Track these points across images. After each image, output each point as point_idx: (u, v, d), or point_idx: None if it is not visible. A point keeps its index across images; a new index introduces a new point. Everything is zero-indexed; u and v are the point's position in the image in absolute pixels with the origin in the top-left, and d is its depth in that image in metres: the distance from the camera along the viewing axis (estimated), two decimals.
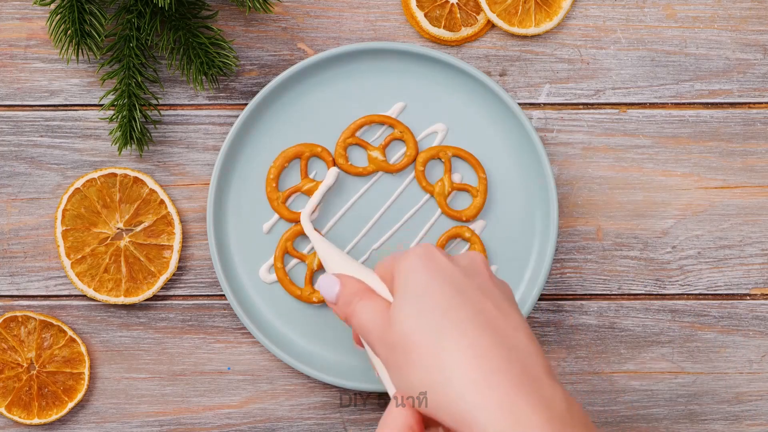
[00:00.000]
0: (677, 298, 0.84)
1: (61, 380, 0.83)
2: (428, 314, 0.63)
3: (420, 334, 0.63)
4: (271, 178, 0.82)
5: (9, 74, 0.84)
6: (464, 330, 0.62)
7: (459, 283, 0.65)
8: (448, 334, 0.62)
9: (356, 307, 0.68)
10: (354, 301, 0.68)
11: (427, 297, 0.64)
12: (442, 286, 0.64)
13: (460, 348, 0.61)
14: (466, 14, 0.83)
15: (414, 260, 0.66)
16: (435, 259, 0.66)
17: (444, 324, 0.62)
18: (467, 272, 0.66)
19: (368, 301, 0.68)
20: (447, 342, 0.62)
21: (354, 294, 0.69)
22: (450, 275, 0.65)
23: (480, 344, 0.61)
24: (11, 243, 0.84)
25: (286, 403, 0.84)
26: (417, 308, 0.63)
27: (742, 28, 0.84)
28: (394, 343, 0.64)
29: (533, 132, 0.80)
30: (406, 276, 0.65)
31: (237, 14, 0.84)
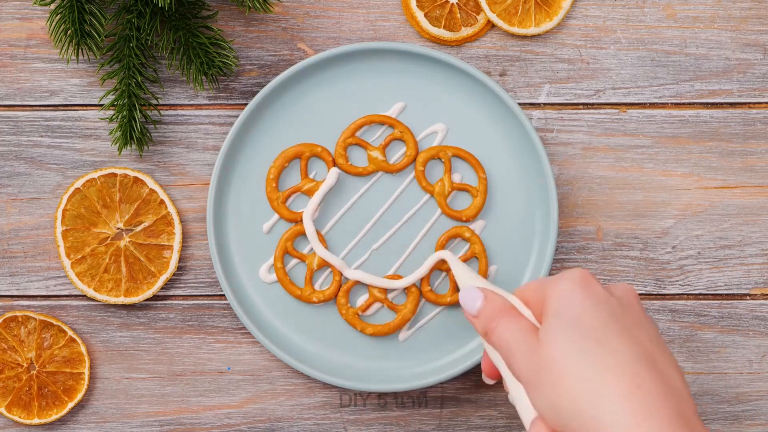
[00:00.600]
0: (677, 298, 0.84)
1: (61, 380, 0.83)
2: (584, 340, 0.62)
3: (574, 360, 0.61)
4: (271, 178, 0.82)
5: (9, 74, 0.84)
6: (621, 360, 0.61)
7: (616, 312, 0.64)
8: (604, 362, 0.61)
9: (500, 324, 0.66)
10: (497, 317, 0.67)
11: (584, 322, 0.63)
12: (600, 313, 0.63)
13: (618, 378, 0.60)
14: (466, 14, 0.83)
15: (569, 285, 0.64)
16: (591, 286, 0.65)
17: (600, 351, 0.61)
18: (622, 302, 0.65)
19: (514, 319, 0.66)
20: (603, 371, 0.61)
21: (498, 310, 0.67)
22: (606, 303, 0.64)
23: (639, 377, 0.60)
24: (11, 243, 0.84)
25: (286, 403, 0.84)
26: (571, 333, 0.62)
27: (742, 28, 0.84)
28: (543, 366, 0.62)
29: (533, 132, 0.80)
30: (559, 300, 0.64)
31: (237, 14, 0.84)
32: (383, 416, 0.84)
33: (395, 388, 0.81)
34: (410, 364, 0.83)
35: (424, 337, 0.83)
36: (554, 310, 0.64)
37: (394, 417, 0.84)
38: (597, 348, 0.62)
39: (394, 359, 0.83)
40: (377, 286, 0.82)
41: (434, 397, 0.84)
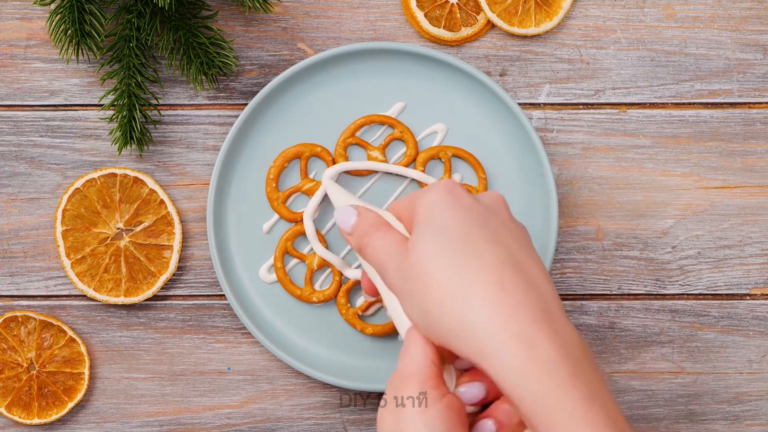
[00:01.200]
0: (677, 298, 0.84)
1: (61, 380, 0.83)
2: (450, 245, 0.63)
3: (440, 264, 0.62)
4: (271, 178, 0.82)
5: (9, 74, 0.84)
6: (486, 262, 0.62)
7: (482, 218, 0.65)
8: (469, 265, 0.62)
9: (371, 239, 0.67)
10: (370, 233, 0.68)
11: (450, 229, 0.63)
12: (465, 219, 0.64)
13: (482, 279, 0.61)
14: (466, 14, 0.83)
15: (437, 194, 0.65)
16: (458, 195, 0.66)
17: (465, 254, 0.62)
18: (490, 209, 0.66)
19: (385, 233, 0.67)
20: (468, 273, 0.61)
21: (371, 225, 0.68)
22: (471, 210, 0.65)
23: (502, 277, 0.61)
24: (11, 243, 0.84)
25: (286, 403, 0.84)
26: (438, 239, 0.63)
27: (742, 28, 0.84)
28: (412, 273, 0.63)
29: (533, 132, 0.80)
30: (427, 209, 0.65)
31: (237, 14, 0.84)
32: None
33: None
34: None
35: None
36: (422, 219, 0.65)
37: None
38: (462, 251, 0.62)
39: (394, 359, 0.83)
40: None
41: None
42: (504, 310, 0.60)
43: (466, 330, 0.61)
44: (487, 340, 0.60)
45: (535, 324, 0.60)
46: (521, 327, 0.60)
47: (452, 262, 0.62)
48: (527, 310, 0.60)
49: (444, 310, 0.61)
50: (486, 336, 0.60)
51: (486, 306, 0.60)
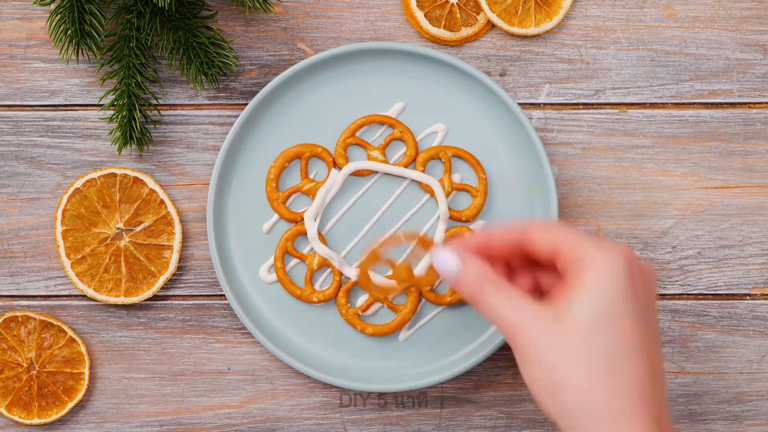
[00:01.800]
0: (677, 298, 0.84)
1: (61, 380, 0.83)
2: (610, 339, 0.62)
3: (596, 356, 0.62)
4: (271, 178, 0.82)
5: (9, 74, 0.84)
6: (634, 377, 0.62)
7: (645, 315, 0.64)
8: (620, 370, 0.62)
9: (490, 298, 0.65)
10: (486, 290, 0.65)
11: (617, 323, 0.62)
12: (635, 319, 0.63)
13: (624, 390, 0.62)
14: (466, 14, 0.83)
15: (619, 267, 0.63)
16: (636, 280, 0.64)
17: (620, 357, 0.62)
18: (648, 299, 0.65)
19: (503, 292, 0.65)
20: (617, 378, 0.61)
21: (482, 280, 0.65)
22: (642, 302, 0.63)
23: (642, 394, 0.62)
24: (11, 243, 0.84)
25: (286, 403, 0.84)
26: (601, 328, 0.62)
27: (742, 28, 0.84)
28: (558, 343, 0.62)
29: (533, 132, 0.80)
30: (605, 282, 0.63)
31: (237, 14, 0.84)
32: (383, 416, 0.84)
33: (395, 388, 0.81)
34: (410, 364, 0.83)
35: (424, 337, 0.83)
36: (594, 289, 0.62)
37: (394, 417, 0.84)
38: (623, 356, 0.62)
39: (394, 359, 0.83)
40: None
41: (434, 397, 0.84)
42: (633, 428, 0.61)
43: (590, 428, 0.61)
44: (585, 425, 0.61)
45: None
46: None
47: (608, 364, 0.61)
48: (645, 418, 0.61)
49: (580, 400, 0.61)
50: None
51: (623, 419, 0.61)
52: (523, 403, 0.84)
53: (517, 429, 0.84)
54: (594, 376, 0.61)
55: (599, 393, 0.61)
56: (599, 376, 0.61)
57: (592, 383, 0.61)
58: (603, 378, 0.61)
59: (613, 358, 0.62)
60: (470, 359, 0.81)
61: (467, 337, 0.83)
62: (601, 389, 0.61)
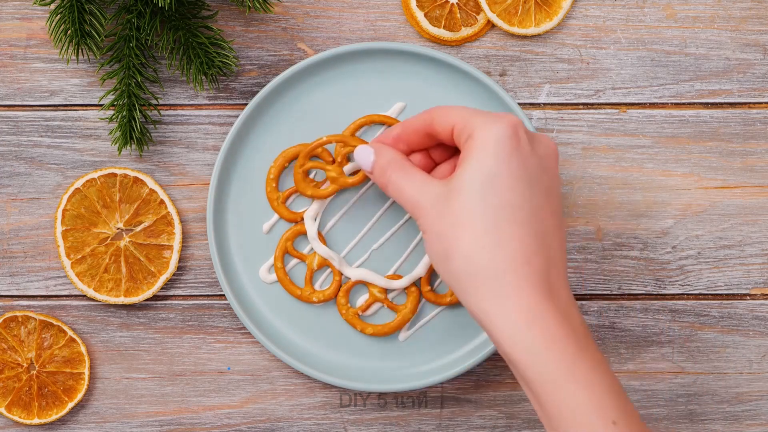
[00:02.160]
0: (677, 298, 0.84)
1: (61, 380, 0.83)
2: (495, 206, 0.65)
3: (479, 222, 0.65)
4: (271, 178, 0.82)
5: (9, 74, 0.84)
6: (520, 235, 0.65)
7: (533, 178, 0.67)
8: (505, 233, 0.65)
9: (392, 177, 0.70)
10: (389, 170, 0.71)
11: (503, 187, 0.65)
12: (519, 176, 0.66)
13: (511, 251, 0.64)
14: (466, 14, 0.83)
15: (501, 132, 0.67)
16: (521, 140, 0.67)
17: (507, 220, 0.65)
18: (542, 165, 0.68)
19: (406, 172, 0.70)
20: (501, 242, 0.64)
21: (388, 162, 0.71)
22: (528, 165, 0.66)
23: (527, 254, 0.65)
24: (11, 243, 0.84)
25: (286, 403, 0.84)
26: (487, 193, 0.65)
27: (742, 28, 0.84)
28: (449, 217, 0.66)
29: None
30: (487, 148, 0.66)
31: (237, 14, 0.84)
32: (383, 416, 0.84)
33: (395, 388, 0.81)
34: (410, 364, 0.83)
35: (424, 337, 0.83)
36: (478, 158, 0.66)
37: (394, 417, 0.84)
38: (504, 217, 0.65)
39: (394, 359, 0.83)
40: (377, 285, 0.82)
41: (434, 397, 0.84)
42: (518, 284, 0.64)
43: (479, 289, 0.64)
44: (496, 306, 0.64)
45: (541, 303, 0.64)
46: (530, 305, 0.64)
47: (490, 225, 0.64)
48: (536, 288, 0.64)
49: (467, 264, 0.64)
50: (497, 302, 0.64)
51: (506, 275, 0.64)
52: (523, 403, 0.84)
53: (517, 429, 0.84)
54: (477, 238, 0.65)
55: (482, 253, 0.65)
56: (481, 237, 0.65)
57: (475, 245, 0.65)
58: (484, 237, 0.65)
59: (495, 219, 0.65)
60: (470, 359, 0.81)
61: (467, 337, 0.83)
62: (484, 249, 0.65)
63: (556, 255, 0.67)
